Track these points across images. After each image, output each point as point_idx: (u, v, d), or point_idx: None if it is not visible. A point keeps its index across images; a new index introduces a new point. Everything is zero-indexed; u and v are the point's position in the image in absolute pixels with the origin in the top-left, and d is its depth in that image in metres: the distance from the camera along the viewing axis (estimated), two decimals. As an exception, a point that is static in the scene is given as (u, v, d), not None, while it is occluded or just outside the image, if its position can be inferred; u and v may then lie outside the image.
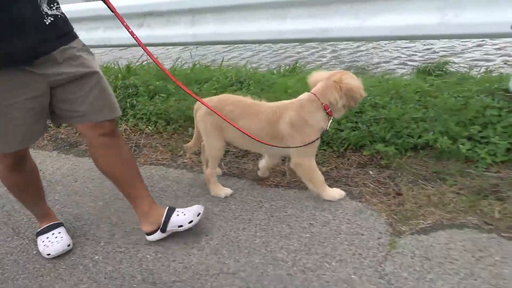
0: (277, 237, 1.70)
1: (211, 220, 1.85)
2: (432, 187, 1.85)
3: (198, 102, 1.88)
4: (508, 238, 1.53)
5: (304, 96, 1.84)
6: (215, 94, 3.03)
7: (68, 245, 1.74)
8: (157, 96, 3.10)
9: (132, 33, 1.50)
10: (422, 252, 1.51)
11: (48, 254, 1.71)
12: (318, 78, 1.84)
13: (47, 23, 1.34)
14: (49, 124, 1.60)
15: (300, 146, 1.78)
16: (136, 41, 1.52)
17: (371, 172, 2.05)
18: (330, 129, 2.06)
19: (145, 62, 4.21)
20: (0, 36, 1.24)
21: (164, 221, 1.69)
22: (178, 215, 1.71)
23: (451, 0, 2.20)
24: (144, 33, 3.10)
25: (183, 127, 2.75)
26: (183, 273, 1.57)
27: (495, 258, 1.44)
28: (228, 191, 2.03)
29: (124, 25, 1.46)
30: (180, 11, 2.98)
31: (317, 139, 1.80)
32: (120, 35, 3.23)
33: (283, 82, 3.12)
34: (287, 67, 4.23)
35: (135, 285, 1.54)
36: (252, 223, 1.80)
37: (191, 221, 1.69)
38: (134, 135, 2.83)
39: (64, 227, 1.85)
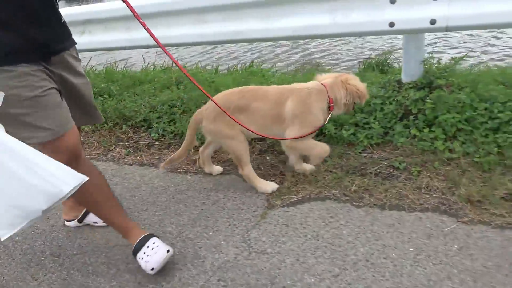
0: (172, 214, 1.98)
1: (121, 204, 2.13)
2: (311, 168, 2.14)
3: (195, 115, 2.00)
4: (357, 206, 1.82)
5: (314, 84, 1.95)
6: (154, 93, 3.32)
7: (168, 251, 1.56)
8: (100, 97, 3.36)
9: (149, 31, 1.55)
10: (284, 221, 1.80)
11: (152, 269, 1.54)
12: (325, 77, 2.00)
13: (62, 21, 1.43)
14: None
15: (297, 138, 1.89)
16: (156, 42, 1.57)
17: (268, 158, 2.33)
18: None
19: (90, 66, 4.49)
20: (29, 26, 1.28)
21: (83, 214, 1.95)
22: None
23: (340, 4, 2.48)
24: (86, 39, 3.36)
25: (119, 125, 3.01)
26: (86, 247, 1.84)
27: (340, 223, 1.73)
28: (274, 185, 2.01)
29: (143, 25, 1.50)
30: (116, 18, 3.23)
31: (313, 131, 1.92)
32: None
33: (221, 81, 3.40)
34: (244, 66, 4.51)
35: (43, 259, 1.81)
36: (155, 205, 2.08)
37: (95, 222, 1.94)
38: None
39: (157, 237, 1.63)
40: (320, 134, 2.36)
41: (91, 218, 1.94)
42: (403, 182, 1.91)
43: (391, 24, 2.38)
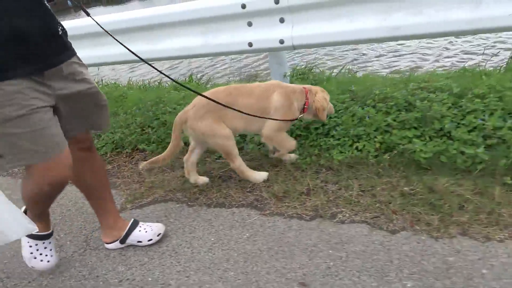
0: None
1: None
2: (168, 174, 2.41)
3: (179, 115, 2.04)
4: (190, 205, 2.09)
5: (298, 86, 2.17)
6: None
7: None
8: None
9: (130, 50, 1.66)
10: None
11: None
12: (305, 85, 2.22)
13: (59, 33, 1.38)
14: None
15: (282, 120, 2.05)
16: (138, 57, 1.71)
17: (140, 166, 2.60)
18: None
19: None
20: (16, 42, 1.23)
21: (126, 234, 1.81)
22: (140, 230, 1.82)
23: (210, 28, 2.79)
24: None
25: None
26: None
27: (170, 220, 2.00)
28: (265, 174, 2.14)
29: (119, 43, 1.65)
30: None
31: (291, 120, 2.10)
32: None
33: (134, 94, 3.68)
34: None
35: None
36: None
37: (150, 240, 1.82)
38: None
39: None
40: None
41: (135, 237, 1.82)
42: (235, 183, 2.19)
43: (250, 44, 2.71)
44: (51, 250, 1.69)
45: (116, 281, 1.67)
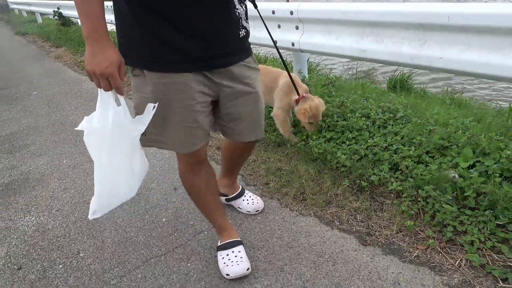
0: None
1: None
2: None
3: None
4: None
5: (303, 87, 2.57)
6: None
7: (247, 269, 1.59)
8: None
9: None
10: None
11: (227, 275, 1.59)
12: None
13: (241, 36, 1.33)
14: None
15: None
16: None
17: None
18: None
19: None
20: (199, 37, 1.21)
21: (232, 197, 2.05)
22: (243, 200, 2.04)
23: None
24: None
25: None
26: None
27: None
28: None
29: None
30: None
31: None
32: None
33: None
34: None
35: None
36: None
37: (248, 211, 2.03)
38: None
39: (244, 246, 1.72)
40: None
41: (237, 203, 2.05)
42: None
43: (275, 42, 3.45)
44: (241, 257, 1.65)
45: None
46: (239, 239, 1.72)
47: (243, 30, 1.34)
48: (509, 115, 2.48)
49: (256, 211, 2.02)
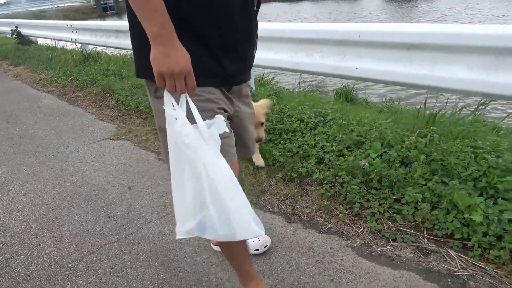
0: (66, 130, 3.83)
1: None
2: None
3: None
4: (132, 143, 3.36)
5: None
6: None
7: None
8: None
9: None
10: None
11: None
12: None
13: (253, 54, 1.28)
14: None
15: None
16: None
17: (135, 120, 3.99)
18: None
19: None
20: (225, 55, 1.15)
21: None
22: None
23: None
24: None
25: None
26: (24, 132, 3.83)
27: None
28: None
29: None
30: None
31: None
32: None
33: None
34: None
35: (7, 132, 3.86)
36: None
37: (257, 250, 1.80)
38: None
39: None
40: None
41: (252, 245, 1.79)
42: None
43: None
44: None
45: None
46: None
47: (254, 49, 1.29)
48: (418, 115, 2.94)
49: (265, 247, 1.82)
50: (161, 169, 2.80)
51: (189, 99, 1.06)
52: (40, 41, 10.29)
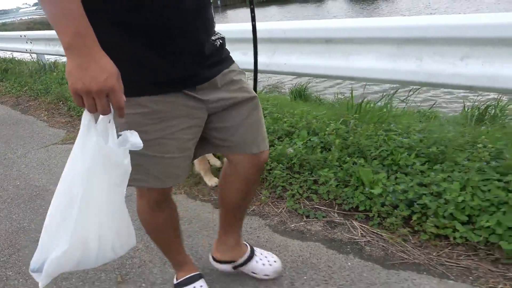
0: (16, 137, 3.84)
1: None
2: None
3: None
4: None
5: None
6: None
7: None
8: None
9: None
10: None
11: None
12: None
13: (217, 45, 1.17)
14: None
15: None
16: None
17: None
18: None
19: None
20: (175, 59, 1.05)
21: (242, 262, 1.58)
22: (257, 262, 1.60)
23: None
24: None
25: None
26: None
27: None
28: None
29: None
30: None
31: None
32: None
33: None
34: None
35: None
36: (16, 133, 3.97)
37: (267, 275, 1.60)
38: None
39: (204, 278, 1.55)
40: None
41: (251, 267, 1.60)
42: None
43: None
44: None
45: None
46: (200, 272, 1.56)
47: (218, 40, 1.18)
48: (347, 105, 3.14)
49: (277, 274, 1.61)
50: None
51: (112, 122, 0.90)
52: (-1, 54, 10.08)
